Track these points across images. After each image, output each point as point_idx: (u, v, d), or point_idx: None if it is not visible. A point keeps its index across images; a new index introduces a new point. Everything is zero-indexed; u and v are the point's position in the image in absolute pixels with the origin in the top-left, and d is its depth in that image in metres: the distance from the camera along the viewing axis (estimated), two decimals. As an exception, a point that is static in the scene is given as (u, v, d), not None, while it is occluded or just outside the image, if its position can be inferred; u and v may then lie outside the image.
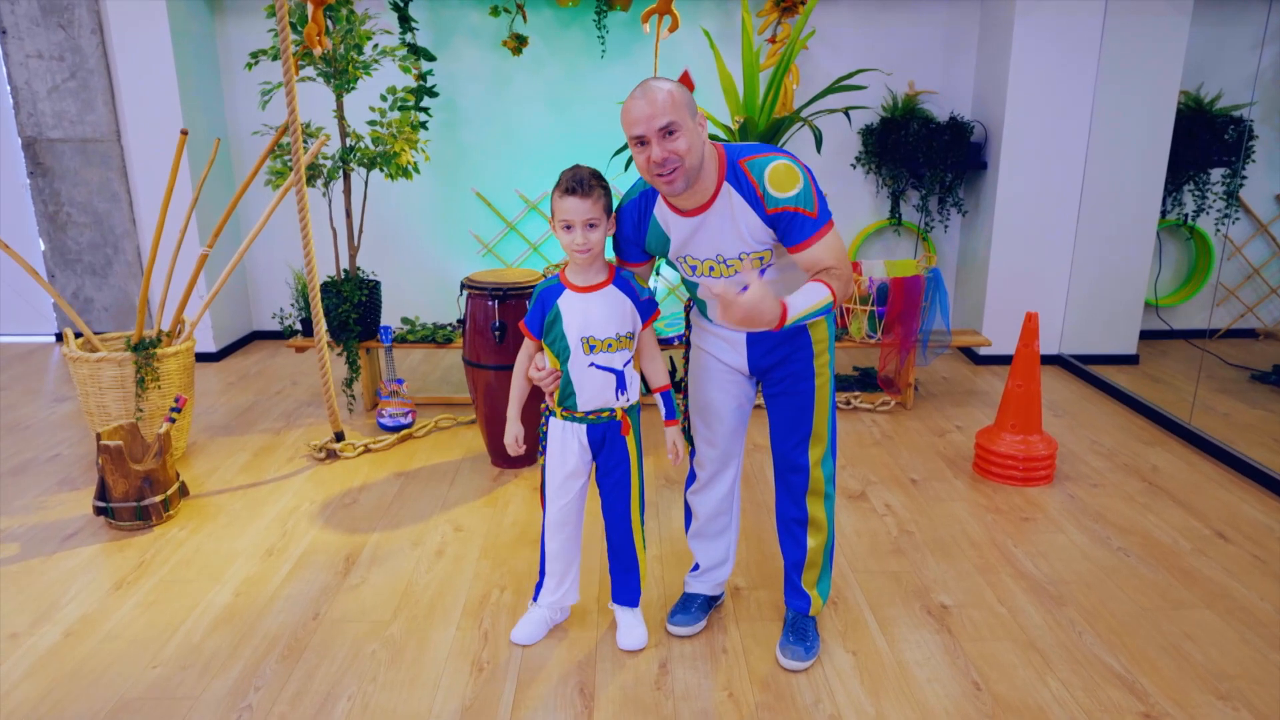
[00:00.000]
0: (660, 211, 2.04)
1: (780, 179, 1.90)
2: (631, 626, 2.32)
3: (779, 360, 2.15)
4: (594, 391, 2.12)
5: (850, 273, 1.95)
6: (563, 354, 2.11)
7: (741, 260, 2.01)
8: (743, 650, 2.29)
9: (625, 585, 2.32)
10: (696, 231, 2.00)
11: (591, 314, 2.08)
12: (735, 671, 2.21)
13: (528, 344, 2.19)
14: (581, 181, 1.99)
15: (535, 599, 2.37)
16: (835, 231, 1.96)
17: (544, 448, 2.24)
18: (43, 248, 4.88)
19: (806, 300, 1.84)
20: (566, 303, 2.09)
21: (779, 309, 1.77)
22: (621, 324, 2.09)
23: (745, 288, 1.74)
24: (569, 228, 2.01)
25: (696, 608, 2.40)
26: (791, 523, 2.25)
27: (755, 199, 1.93)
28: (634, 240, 2.12)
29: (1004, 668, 2.21)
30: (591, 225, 2.01)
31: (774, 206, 1.91)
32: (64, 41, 4.56)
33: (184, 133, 3.21)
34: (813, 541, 2.24)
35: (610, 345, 2.09)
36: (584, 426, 2.17)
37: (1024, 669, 2.21)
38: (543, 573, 2.35)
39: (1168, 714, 2.04)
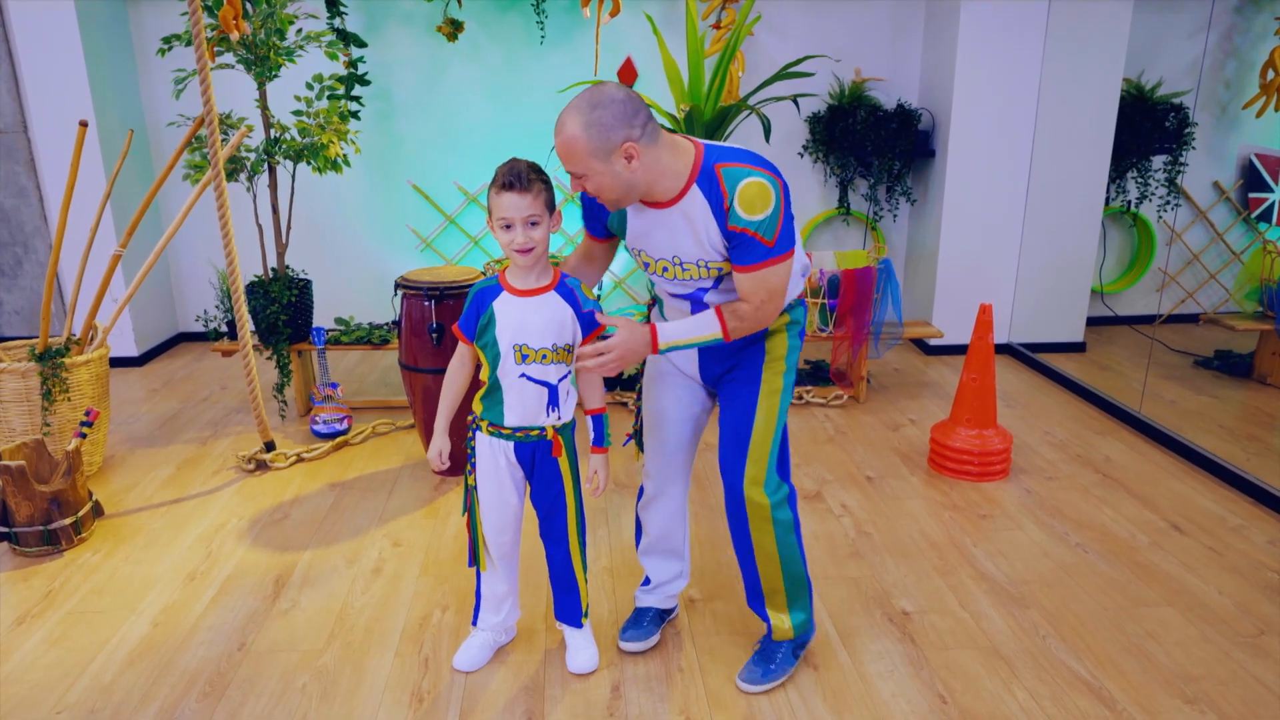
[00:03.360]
0: None
1: (751, 199, 1.75)
2: (580, 648, 2.19)
3: (729, 368, 2.03)
4: (523, 405, 1.96)
5: (767, 316, 1.85)
6: (493, 360, 1.94)
7: (699, 268, 1.88)
8: (699, 668, 2.18)
9: (566, 605, 2.18)
10: (654, 227, 1.87)
11: (528, 320, 1.92)
12: (692, 692, 2.10)
13: (462, 348, 2.03)
14: (520, 175, 1.82)
15: (475, 623, 2.23)
16: (786, 264, 1.82)
17: (472, 465, 2.08)
18: (-57, 248, 4.56)
19: (689, 330, 1.84)
20: (502, 306, 1.93)
21: (649, 338, 1.83)
22: (559, 335, 1.93)
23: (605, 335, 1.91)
24: (508, 226, 1.85)
25: (648, 621, 2.28)
26: (738, 550, 2.09)
27: (721, 210, 1.79)
28: (597, 215, 2.00)
29: (969, 678, 2.14)
30: (533, 223, 1.85)
31: (735, 224, 1.77)
32: (-41, 26, 4.23)
33: (83, 124, 2.96)
34: (765, 569, 2.07)
35: (545, 356, 1.93)
36: (511, 444, 2.01)
37: (990, 679, 2.13)
38: (479, 596, 2.20)
39: (1136, 721, 1.99)
